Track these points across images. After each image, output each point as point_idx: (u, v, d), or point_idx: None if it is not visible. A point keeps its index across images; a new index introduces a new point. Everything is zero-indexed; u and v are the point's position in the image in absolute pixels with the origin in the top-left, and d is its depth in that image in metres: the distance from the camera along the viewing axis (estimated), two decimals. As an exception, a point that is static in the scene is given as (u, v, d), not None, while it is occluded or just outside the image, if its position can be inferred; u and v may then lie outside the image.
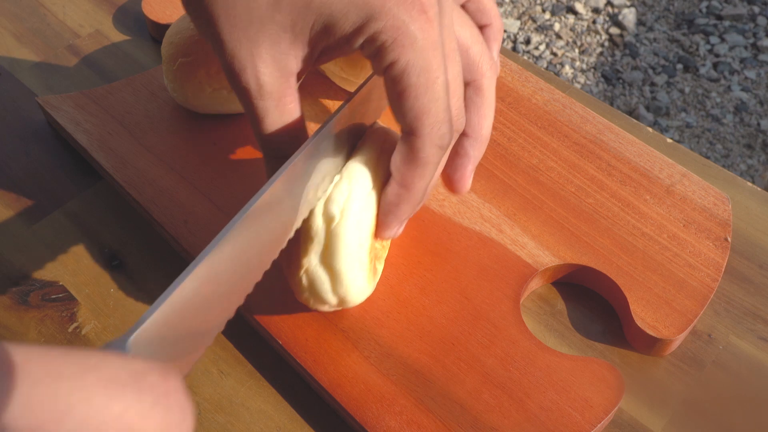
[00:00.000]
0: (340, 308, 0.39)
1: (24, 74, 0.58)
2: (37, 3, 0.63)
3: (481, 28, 0.43)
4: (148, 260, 0.47)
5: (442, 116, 0.34)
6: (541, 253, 0.45)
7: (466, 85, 0.39)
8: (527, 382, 0.40)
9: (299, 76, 0.36)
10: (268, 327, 0.42)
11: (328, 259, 0.36)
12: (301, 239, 0.37)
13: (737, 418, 0.41)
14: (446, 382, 0.40)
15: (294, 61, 0.35)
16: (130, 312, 0.44)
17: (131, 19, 0.62)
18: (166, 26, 0.59)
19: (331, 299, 0.38)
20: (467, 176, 0.40)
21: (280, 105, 0.35)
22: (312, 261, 0.37)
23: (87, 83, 0.57)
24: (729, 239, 0.46)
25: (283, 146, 0.37)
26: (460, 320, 0.42)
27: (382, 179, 0.38)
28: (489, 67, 0.39)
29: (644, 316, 0.43)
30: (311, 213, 0.36)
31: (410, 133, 0.34)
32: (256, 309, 0.42)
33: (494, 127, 0.52)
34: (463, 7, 0.42)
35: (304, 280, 0.37)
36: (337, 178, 0.37)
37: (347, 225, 0.36)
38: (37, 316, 0.44)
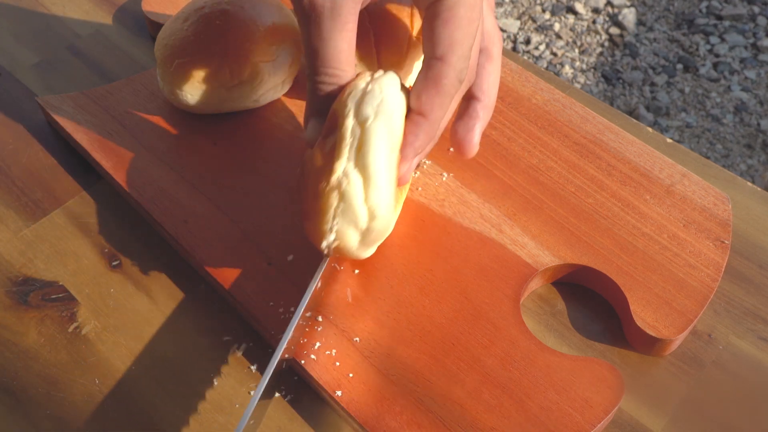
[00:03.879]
0: (365, 240, 0.38)
1: (24, 74, 0.58)
2: (37, 3, 0.63)
3: None
4: (148, 260, 0.47)
5: (468, 53, 0.37)
6: (541, 253, 0.45)
7: (480, 50, 0.41)
8: (527, 382, 0.40)
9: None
10: (269, 327, 0.42)
11: (361, 159, 0.36)
12: (335, 145, 0.37)
13: (737, 418, 0.41)
14: (446, 382, 0.40)
15: None
16: (130, 312, 0.44)
17: (131, 19, 0.62)
18: (166, 26, 0.59)
19: (362, 213, 0.37)
20: (476, 136, 0.42)
21: (344, 30, 0.37)
22: (345, 164, 0.36)
23: (87, 83, 0.57)
24: (727, 242, 0.46)
25: (334, 76, 0.38)
26: (460, 320, 0.42)
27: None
28: (499, 38, 0.42)
29: (644, 316, 0.43)
30: (344, 117, 0.37)
31: (439, 59, 0.37)
32: (257, 309, 0.42)
33: (494, 127, 0.52)
34: None
35: (334, 195, 0.36)
36: (363, 83, 0.38)
37: (380, 125, 0.36)
38: (37, 316, 0.44)
